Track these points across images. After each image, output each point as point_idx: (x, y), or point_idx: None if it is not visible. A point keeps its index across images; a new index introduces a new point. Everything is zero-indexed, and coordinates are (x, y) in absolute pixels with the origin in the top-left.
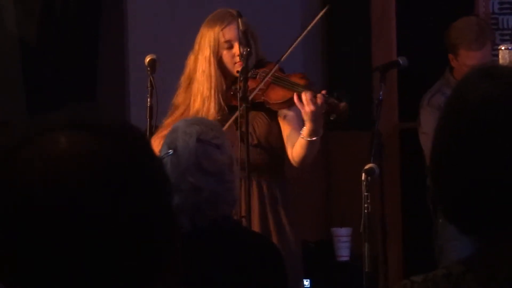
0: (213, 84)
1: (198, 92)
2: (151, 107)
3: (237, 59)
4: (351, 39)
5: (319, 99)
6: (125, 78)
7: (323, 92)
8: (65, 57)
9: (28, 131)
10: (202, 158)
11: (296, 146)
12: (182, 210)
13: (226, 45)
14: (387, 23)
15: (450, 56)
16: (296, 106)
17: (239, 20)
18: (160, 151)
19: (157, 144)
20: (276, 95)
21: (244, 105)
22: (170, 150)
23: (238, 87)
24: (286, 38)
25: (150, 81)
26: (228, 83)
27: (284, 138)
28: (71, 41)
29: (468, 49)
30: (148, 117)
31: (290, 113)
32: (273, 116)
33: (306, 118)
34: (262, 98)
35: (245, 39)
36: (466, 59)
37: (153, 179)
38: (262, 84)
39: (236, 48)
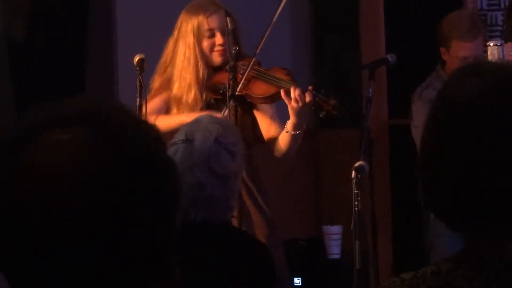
0: (196, 72)
1: (179, 78)
2: (140, 107)
3: (217, 48)
4: (339, 36)
5: (308, 96)
6: (113, 78)
7: (310, 88)
8: (53, 56)
9: (31, 127)
10: (213, 159)
11: (280, 139)
12: None
13: (208, 33)
14: (376, 21)
15: (442, 49)
16: (277, 101)
17: (228, 19)
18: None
19: None
20: (259, 89)
21: (233, 102)
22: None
23: (227, 85)
24: (274, 31)
25: (139, 80)
26: (208, 72)
27: (263, 130)
28: (58, 40)
29: (460, 40)
30: None
31: (267, 106)
32: (246, 108)
33: (292, 112)
34: (244, 91)
35: (234, 38)
36: (458, 51)
37: (160, 181)
38: (244, 78)
39: (218, 38)
